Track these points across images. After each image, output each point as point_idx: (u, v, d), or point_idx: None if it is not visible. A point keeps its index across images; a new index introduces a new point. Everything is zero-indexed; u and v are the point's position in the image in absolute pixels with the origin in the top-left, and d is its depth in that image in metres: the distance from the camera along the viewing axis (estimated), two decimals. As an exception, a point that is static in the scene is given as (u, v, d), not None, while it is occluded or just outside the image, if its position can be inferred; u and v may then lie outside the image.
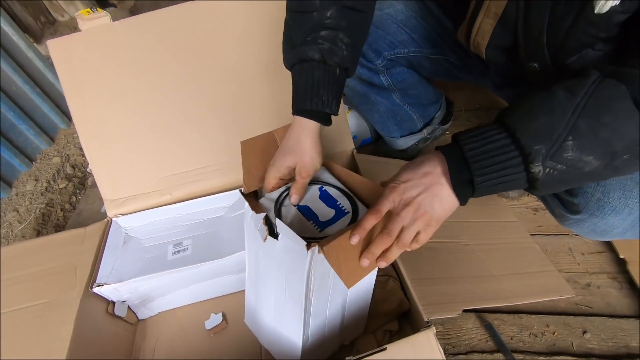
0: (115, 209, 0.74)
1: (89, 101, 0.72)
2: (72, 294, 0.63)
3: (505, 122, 0.40)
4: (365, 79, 0.78)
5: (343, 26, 0.49)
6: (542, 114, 0.38)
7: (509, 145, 0.39)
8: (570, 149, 0.38)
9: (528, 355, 0.63)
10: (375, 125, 0.90)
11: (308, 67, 0.50)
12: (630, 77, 0.37)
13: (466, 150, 0.41)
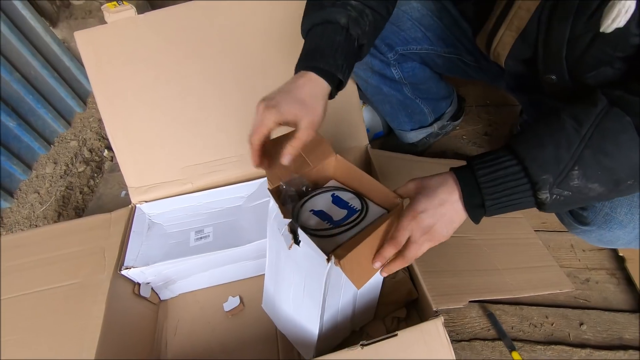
0: (139, 196, 0.78)
1: (114, 92, 0.74)
2: (102, 276, 0.67)
3: (515, 149, 0.42)
4: (377, 70, 0.80)
5: (371, 4, 0.51)
6: (550, 145, 0.41)
7: (518, 173, 0.42)
8: (576, 178, 0.40)
9: (527, 343, 0.67)
10: (386, 117, 0.92)
11: (332, 29, 0.49)
12: (634, 106, 0.39)
13: (478, 175, 0.43)
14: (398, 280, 0.67)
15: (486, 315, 0.71)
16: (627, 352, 0.64)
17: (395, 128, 0.94)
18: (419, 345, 0.54)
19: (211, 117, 0.77)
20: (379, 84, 0.81)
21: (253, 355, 0.71)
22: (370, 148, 0.80)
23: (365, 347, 0.53)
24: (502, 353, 0.66)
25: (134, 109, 0.75)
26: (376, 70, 0.80)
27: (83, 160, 1.23)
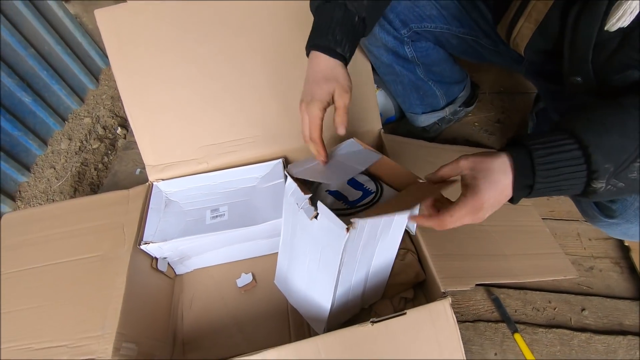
0: (156, 174, 0.80)
1: (134, 70, 0.75)
2: (123, 250, 0.70)
3: (578, 134, 0.40)
4: (390, 47, 0.79)
5: None
6: (616, 133, 0.39)
7: (579, 158, 0.39)
8: (637, 170, 0.39)
9: (529, 326, 0.70)
10: (397, 98, 0.92)
11: (330, 7, 0.51)
12: None
13: (535, 156, 0.41)
14: (407, 262, 0.70)
15: (491, 299, 0.74)
16: (626, 337, 0.67)
17: (406, 110, 0.94)
18: (426, 325, 0.56)
19: (228, 98, 0.78)
20: (391, 63, 0.81)
21: (265, 330, 0.74)
22: (383, 133, 0.81)
23: (375, 324, 0.55)
24: (505, 334, 0.69)
25: (152, 88, 0.76)
26: (389, 48, 0.79)
27: (97, 137, 1.25)
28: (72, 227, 0.76)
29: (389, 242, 0.59)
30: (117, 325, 0.61)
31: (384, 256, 0.63)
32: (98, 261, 0.70)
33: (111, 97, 1.36)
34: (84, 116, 1.31)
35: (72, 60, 1.29)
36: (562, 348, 0.67)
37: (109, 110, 1.32)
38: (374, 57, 0.82)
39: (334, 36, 0.51)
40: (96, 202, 0.79)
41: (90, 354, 0.59)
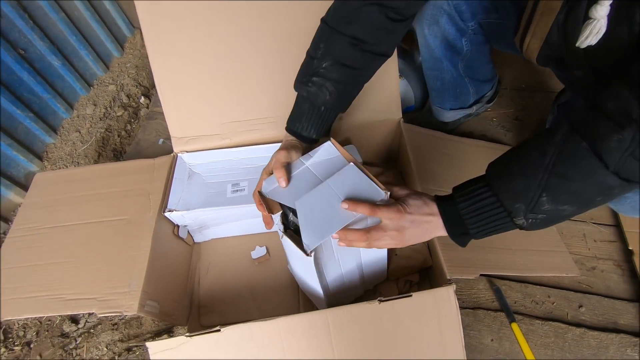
0: (181, 146, 0.83)
1: (166, 44, 0.77)
2: (148, 215, 0.75)
3: (490, 182, 0.48)
4: (450, 39, 0.80)
5: (333, 78, 0.60)
6: (518, 176, 0.45)
7: (495, 203, 0.47)
8: (546, 203, 0.44)
9: (527, 317, 0.73)
10: (432, 92, 0.93)
11: (301, 100, 0.64)
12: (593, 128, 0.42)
13: (460, 208, 0.49)
14: (416, 248, 0.73)
15: (492, 289, 0.77)
16: (618, 335, 0.70)
17: (434, 105, 0.96)
18: (430, 308, 0.60)
19: (253, 78, 0.80)
20: (441, 58, 0.82)
21: (276, 300, 0.79)
22: (403, 122, 0.82)
23: (382, 303, 0.59)
24: (502, 323, 0.73)
25: (182, 63, 0.78)
26: (448, 40, 0.81)
27: (121, 105, 1.28)
28: (100, 190, 0.81)
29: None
30: (142, 283, 0.66)
31: (375, 251, 0.66)
32: (125, 224, 0.75)
33: (135, 67, 1.38)
34: (108, 83, 1.34)
35: (100, 26, 1.31)
36: (556, 340, 0.70)
37: (133, 79, 1.35)
38: (428, 50, 0.84)
39: (301, 123, 0.64)
40: (123, 169, 0.84)
41: (117, 308, 0.64)
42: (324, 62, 0.60)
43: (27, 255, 0.73)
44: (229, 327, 0.59)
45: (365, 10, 0.57)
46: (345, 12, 0.58)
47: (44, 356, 0.86)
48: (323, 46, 0.60)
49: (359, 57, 0.59)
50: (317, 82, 0.61)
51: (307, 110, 0.63)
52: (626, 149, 0.40)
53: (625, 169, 0.41)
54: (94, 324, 0.89)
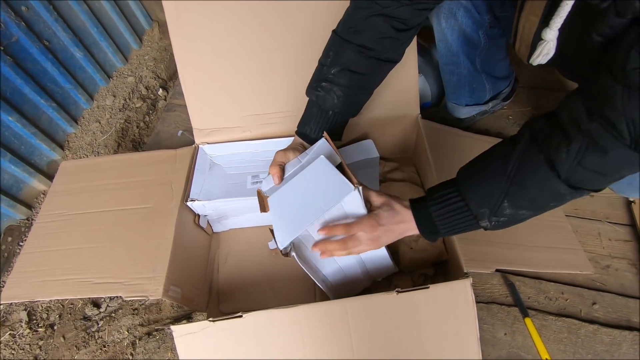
0: (202, 137, 0.85)
1: (190, 37, 0.79)
2: (171, 204, 0.77)
3: (459, 187, 0.53)
4: (467, 32, 0.81)
5: (340, 83, 0.64)
6: (484, 183, 0.51)
7: (463, 207, 0.53)
8: (507, 208, 0.50)
9: (540, 313, 0.74)
10: (447, 88, 0.94)
11: (310, 104, 0.68)
12: (548, 139, 0.46)
13: (431, 211, 0.55)
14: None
15: (506, 284, 0.78)
16: (632, 333, 0.71)
17: (450, 100, 0.96)
18: (447, 300, 0.62)
19: (274, 72, 0.82)
20: (458, 52, 0.83)
21: (293, 290, 0.81)
22: (421, 118, 0.83)
23: (399, 294, 0.61)
24: (516, 318, 0.74)
25: (206, 57, 0.80)
26: (465, 33, 0.82)
27: (140, 97, 1.31)
28: (124, 179, 0.83)
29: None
30: (166, 269, 0.68)
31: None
32: (148, 212, 0.77)
33: (154, 59, 1.41)
34: (127, 75, 1.36)
35: (120, 19, 1.33)
36: (569, 335, 0.71)
37: (151, 71, 1.37)
38: (445, 44, 0.85)
39: (310, 126, 0.68)
40: (145, 159, 0.86)
41: (143, 292, 0.67)
42: (333, 69, 0.64)
43: (54, 240, 0.76)
44: (250, 313, 0.61)
45: (371, 20, 0.60)
46: (353, 23, 0.62)
47: (67, 337, 0.89)
48: (332, 54, 0.64)
49: (365, 64, 0.63)
50: (326, 87, 0.64)
51: (315, 113, 0.67)
52: (574, 159, 0.44)
53: (574, 178, 0.45)
54: (115, 308, 0.92)
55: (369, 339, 0.61)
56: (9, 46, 1.01)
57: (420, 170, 0.88)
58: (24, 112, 1.06)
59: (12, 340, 0.91)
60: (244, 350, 0.62)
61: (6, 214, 1.04)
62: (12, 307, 0.95)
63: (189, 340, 0.62)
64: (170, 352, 0.83)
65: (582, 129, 0.43)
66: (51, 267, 0.72)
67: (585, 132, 0.43)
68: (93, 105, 1.29)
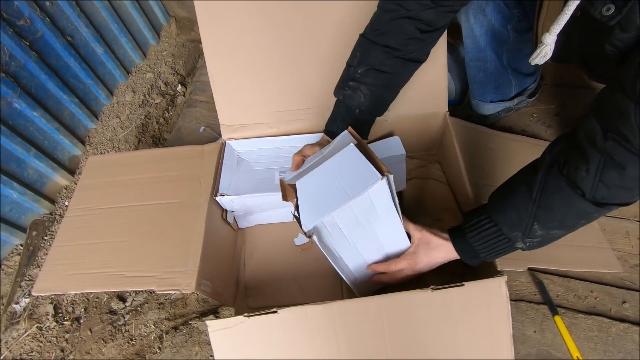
0: (230, 133, 0.85)
1: (220, 32, 0.79)
2: (200, 199, 0.77)
3: (491, 215, 0.57)
4: (496, 27, 0.81)
5: (366, 82, 0.65)
6: (513, 209, 0.54)
7: (496, 232, 0.56)
8: (539, 229, 0.53)
9: (569, 311, 0.74)
10: (473, 84, 0.93)
11: (338, 102, 0.70)
12: (568, 163, 0.48)
13: (468, 237, 0.59)
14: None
15: (535, 282, 0.78)
16: (663, 332, 0.71)
17: (474, 97, 0.96)
18: (481, 297, 0.62)
19: (302, 68, 0.82)
20: (485, 47, 0.83)
21: (320, 286, 0.81)
22: (449, 116, 0.83)
23: (434, 291, 0.61)
24: (545, 315, 0.74)
25: (234, 52, 0.80)
26: (495, 27, 0.81)
27: (159, 93, 1.31)
28: (152, 174, 0.83)
29: (385, 215, 0.62)
30: (198, 263, 0.68)
31: (391, 228, 0.65)
32: (178, 207, 0.77)
33: (172, 55, 1.41)
34: (146, 71, 1.37)
35: (139, 14, 1.34)
36: (599, 334, 0.71)
37: (169, 67, 1.37)
38: (473, 40, 0.85)
39: (336, 124, 0.70)
40: (173, 154, 0.86)
41: (175, 286, 0.67)
42: (360, 69, 0.66)
43: (85, 234, 0.77)
44: (285, 309, 0.61)
45: (397, 23, 0.62)
46: (379, 26, 0.64)
47: (94, 331, 0.90)
48: (359, 55, 0.66)
49: (391, 63, 0.65)
50: (353, 86, 0.66)
51: (342, 112, 0.69)
52: (594, 177, 0.46)
53: (599, 195, 0.47)
54: (141, 302, 0.92)
55: (403, 336, 0.62)
56: (34, 42, 1.01)
57: (446, 168, 0.88)
58: (48, 107, 1.07)
59: (40, 333, 0.92)
60: (278, 346, 0.62)
61: (31, 209, 1.05)
62: (39, 301, 0.97)
63: (223, 335, 0.62)
64: (198, 346, 0.83)
65: (598, 146, 0.45)
66: (82, 261, 0.73)
67: (602, 149, 0.45)
68: (113, 101, 1.30)
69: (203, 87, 1.25)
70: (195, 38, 1.46)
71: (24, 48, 0.97)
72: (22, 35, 0.97)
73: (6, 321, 0.94)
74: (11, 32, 0.93)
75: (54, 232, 1.07)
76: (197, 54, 1.43)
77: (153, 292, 0.93)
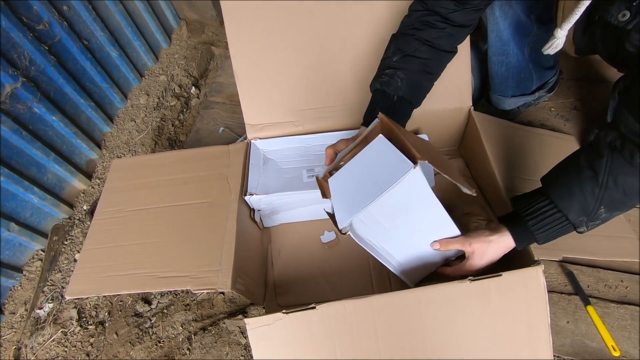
0: (255, 132, 0.86)
1: (246, 31, 0.79)
2: (230, 198, 0.77)
3: (554, 201, 0.56)
4: (521, 17, 0.81)
5: (403, 67, 0.66)
6: (579, 195, 0.54)
7: (561, 218, 0.57)
8: (603, 213, 0.55)
9: (601, 301, 0.75)
10: (495, 79, 0.94)
11: (375, 93, 0.69)
12: (625, 150, 0.50)
13: (530, 225, 0.59)
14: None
15: (565, 273, 0.79)
16: (694, 319, 0.71)
17: (495, 93, 0.96)
18: (519, 287, 0.62)
19: (328, 66, 0.82)
20: (509, 41, 0.84)
21: (350, 282, 0.81)
22: (474, 111, 0.84)
23: (472, 282, 0.61)
24: (577, 306, 0.75)
25: (260, 51, 0.81)
26: (520, 19, 0.81)
27: (174, 95, 1.31)
28: (178, 175, 0.83)
29: (424, 202, 0.61)
30: (232, 261, 0.68)
31: (433, 214, 0.63)
32: (208, 207, 0.77)
33: (184, 57, 1.41)
34: (159, 74, 1.37)
35: (151, 17, 1.34)
36: (632, 322, 0.72)
37: (183, 70, 1.37)
38: (497, 33, 0.86)
39: (375, 116, 0.65)
40: (198, 155, 0.86)
41: (211, 285, 0.67)
42: (395, 57, 0.67)
43: (115, 236, 0.76)
44: (324, 304, 0.61)
45: (427, 20, 0.65)
46: (410, 23, 0.67)
47: (120, 334, 0.90)
48: (393, 46, 0.69)
49: (425, 49, 0.67)
50: (389, 73, 0.67)
51: (380, 101, 0.68)
52: None
53: None
54: (166, 304, 0.92)
55: (442, 328, 0.62)
56: (53, 46, 1.01)
57: (472, 162, 0.89)
58: (66, 111, 1.07)
59: (65, 337, 0.92)
60: (317, 342, 0.62)
61: (51, 214, 1.05)
62: (63, 306, 0.96)
63: (262, 332, 0.62)
64: (228, 347, 0.83)
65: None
66: (114, 263, 0.73)
67: None
68: (127, 104, 1.30)
69: (219, 88, 1.25)
70: (207, 40, 1.46)
71: (44, 52, 0.97)
72: (42, 40, 0.97)
73: (31, 327, 0.93)
74: (31, 36, 0.93)
75: (74, 237, 1.07)
76: (209, 56, 1.43)
77: (178, 294, 0.93)
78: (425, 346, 0.62)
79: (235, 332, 0.85)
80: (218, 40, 1.46)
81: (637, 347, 0.70)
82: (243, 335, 0.84)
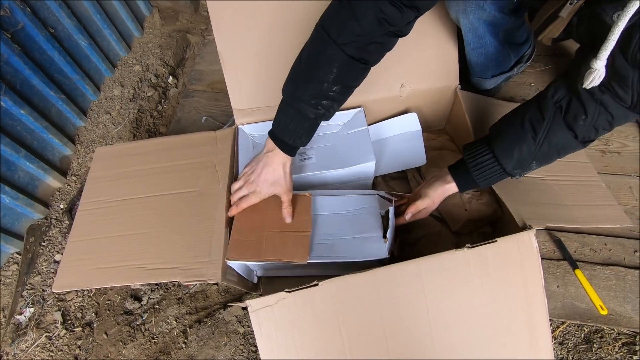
0: (243, 117, 0.83)
1: (230, 19, 0.76)
2: (218, 187, 0.75)
3: (496, 154, 0.65)
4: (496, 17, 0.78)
5: (341, 99, 0.66)
6: (517, 153, 0.63)
7: (499, 170, 0.66)
8: (535, 166, 0.65)
9: (587, 264, 0.78)
10: (474, 67, 0.92)
11: (301, 118, 0.65)
12: (568, 112, 0.58)
13: (474, 175, 0.67)
14: (484, 201, 0.76)
15: (553, 240, 0.82)
16: (672, 275, 0.76)
17: (475, 77, 0.96)
18: (514, 251, 0.63)
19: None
20: (484, 34, 0.81)
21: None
22: (460, 89, 0.84)
23: (470, 249, 0.62)
24: (566, 270, 0.78)
25: (245, 34, 0.78)
26: (495, 17, 0.78)
27: (150, 85, 1.26)
28: (165, 163, 0.80)
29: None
30: (222, 252, 0.66)
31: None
32: (196, 196, 0.75)
33: (159, 46, 1.35)
34: (133, 64, 1.31)
35: (121, 5, 1.27)
36: (617, 282, 0.75)
37: (158, 59, 1.32)
38: (473, 32, 0.82)
39: (300, 138, 0.67)
40: (185, 142, 0.83)
41: (201, 276, 0.64)
42: (335, 87, 0.63)
43: (101, 227, 0.73)
44: (326, 280, 0.60)
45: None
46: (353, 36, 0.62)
47: (110, 334, 0.86)
48: (335, 72, 0.62)
49: (362, 76, 0.66)
50: (327, 105, 0.64)
51: (308, 127, 0.67)
52: (590, 124, 0.57)
53: (587, 137, 0.60)
54: (158, 299, 0.89)
55: (442, 296, 0.62)
56: (16, 34, 0.95)
57: (457, 139, 0.90)
58: (34, 104, 1.00)
59: (49, 342, 0.87)
60: (322, 319, 0.62)
61: (24, 214, 0.99)
62: (45, 309, 0.91)
63: (265, 313, 0.61)
64: (226, 337, 0.81)
65: (596, 98, 0.55)
66: (102, 255, 0.70)
67: (598, 101, 0.55)
68: (100, 96, 1.23)
69: (199, 76, 1.21)
70: (181, 28, 1.41)
71: (6, 41, 0.90)
72: (3, 27, 0.90)
73: (11, 333, 0.88)
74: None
75: (52, 237, 1.01)
76: (185, 44, 1.38)
77: (169, 288, 0.90)
78: (428, 316, 0.63)
79: (233, 321, 0.83)
80: (193, 27, 1.41)
81: (623, 305, 0.73)
82: (241, 324, 0.83)
